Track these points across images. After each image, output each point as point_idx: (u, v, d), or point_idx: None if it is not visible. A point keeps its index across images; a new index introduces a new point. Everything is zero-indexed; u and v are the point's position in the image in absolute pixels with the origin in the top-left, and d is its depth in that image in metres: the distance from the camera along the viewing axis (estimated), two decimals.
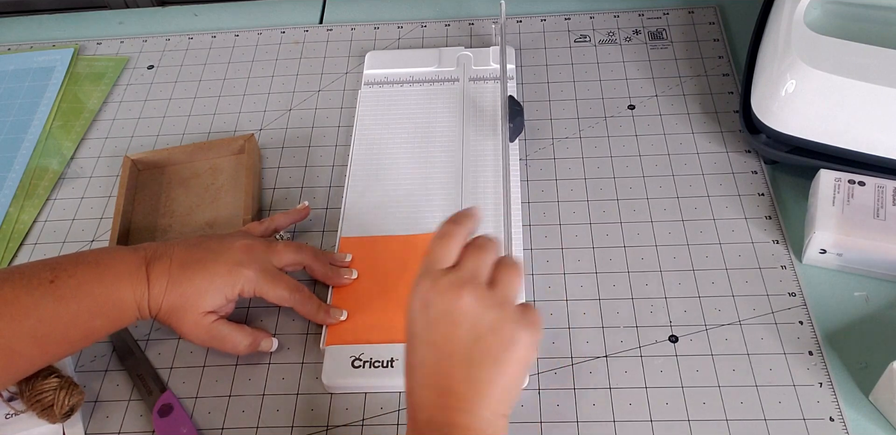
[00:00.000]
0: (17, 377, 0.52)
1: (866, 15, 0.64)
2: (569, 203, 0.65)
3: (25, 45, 0.86)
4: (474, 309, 0.43)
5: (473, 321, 0.43)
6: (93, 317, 0.51)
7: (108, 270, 0.52)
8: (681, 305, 0.58)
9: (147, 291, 0.52)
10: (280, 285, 0.56)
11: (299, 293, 0.57)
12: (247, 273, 0.54)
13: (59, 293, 0.50)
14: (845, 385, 0.53)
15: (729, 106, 0.71)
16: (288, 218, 0.63)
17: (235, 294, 0.54)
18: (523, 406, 0.54)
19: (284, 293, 0.56)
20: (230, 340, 0.55)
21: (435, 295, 0.44)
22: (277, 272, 0.56)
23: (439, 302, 0.43)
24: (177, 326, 0.54)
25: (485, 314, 0.43)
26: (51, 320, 0.49)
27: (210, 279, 0.53)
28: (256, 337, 0.57)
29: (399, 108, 0.72)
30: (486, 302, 0.43)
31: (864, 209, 0.56)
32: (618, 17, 0.80)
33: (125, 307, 0.52)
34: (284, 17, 0.86)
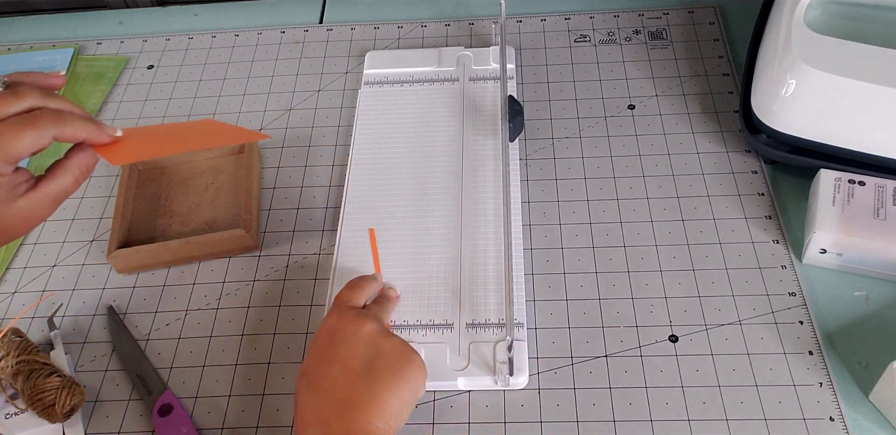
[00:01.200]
0: None
1: (866, 15, 0.64)
2: (569, 203, 0.65)
3: (25, 45, 0.86)
4: (375, 334, 0.51)
5: (374, 342, 0.51)
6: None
7: None
8: (681, 305, 0.58)
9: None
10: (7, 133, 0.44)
11: (43, 116, 0.45)
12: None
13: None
14: (845, 385, 0.53)
15: (729, 106, 0.71)
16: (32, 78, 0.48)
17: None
18: (523, 406, 0.54)
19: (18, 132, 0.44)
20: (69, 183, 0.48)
21: (342, 323, 0.52)
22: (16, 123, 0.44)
23: (345, 328, 0.52)
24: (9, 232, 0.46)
25: (384, 339, 0.51)
26: None
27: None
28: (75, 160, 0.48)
29: (399, 108, 0.72)
30: (386, 332, 0.52)
31: (864, 209, 0.56)
32: (618, 17, 0.80)
33: None
34: (284, 17, 0.86)
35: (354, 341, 0.51)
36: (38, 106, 0.46)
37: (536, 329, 0.58)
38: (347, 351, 0.50)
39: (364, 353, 0.50)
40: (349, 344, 0.51)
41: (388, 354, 0.50)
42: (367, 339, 0.51)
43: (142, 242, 0.65)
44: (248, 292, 0.62)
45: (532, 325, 0.58)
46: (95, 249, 0.67)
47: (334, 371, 0.49)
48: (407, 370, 0.50)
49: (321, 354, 0.51)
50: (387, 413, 0.48)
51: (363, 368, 0.49)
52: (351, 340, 0.51)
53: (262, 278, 0.63)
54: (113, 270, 0.65)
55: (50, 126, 0.45)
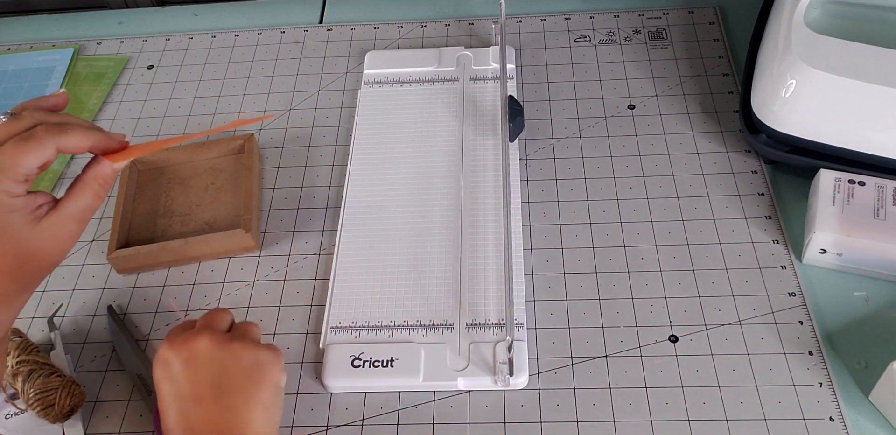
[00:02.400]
0: None
1: (866, 15, 0.64)
2: (569, 203, 0.65)
3: (25, 45, 0.86)
4: (212, 347, 0.46)
5: (213, 357, 0.45)
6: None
7: None
8: (681, 305, 0.58)
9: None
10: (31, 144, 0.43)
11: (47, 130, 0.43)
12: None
13: None
14: (845, 385, 0.53)
15: (729, 106, 0.71)
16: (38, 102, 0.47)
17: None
18: (523, 406, 0.54)
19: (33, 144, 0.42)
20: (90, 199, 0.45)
21: (172, 351, 0.46)
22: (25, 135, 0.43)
23: (178, 355, 0.46)
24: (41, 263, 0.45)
25: (224, 349, 0.46)
26: None
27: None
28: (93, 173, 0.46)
29: (399, 108, 0.72)
30: (224, 339, 0.46)
31: (864, 209, 0.56)
32: (618, 17, 0.80)
33: None
34: (284, 17, 0.86)
35: (192, 366, 0.45)
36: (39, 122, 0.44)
37: (536, 329, 0.58)
38: (188, 380, 0.45)
39: (206, 374, 0.45)
40: (188, 372, 0.45)
41: (233, 367, 0.46)
42: (204, 356, 0.46)
43: (142, 242, 0.65)
44: (248, 292, 0.62)
45: (532, 325, 0.58)
46: (95, 249, 0.67)
47: (186, 407, 0.45)
48: (258, 374, 0.46)
49: (163, 397, 0.46)
50: (258, 422, 0.45)
51: (213, 393, 0.45)
52: (188, 368, 0.45)
53: (262, 278, 0.63)
54: (113, 270, 0.65)
55: (51, 137, 0.43)
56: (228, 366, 0.46)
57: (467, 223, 0.63)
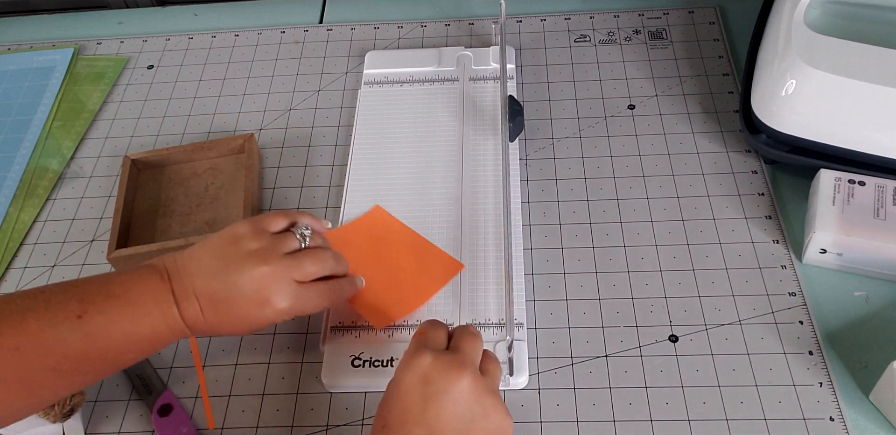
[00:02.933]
0: (40, 406, 0.50)
1: (866, 15, 0.64)
2: (569, 203, 0.65)
3: (25, 45, 0.86)
4: (472, 392, 0.45)
5: (469, 404, 0.44)
6: (124, 353, 0.49)
7: (138, 308, 0.48)
8: (681, 305, 0.58)
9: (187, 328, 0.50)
10: (314, 300, 0.53)
11: (332, 293, 0.54)
12: (278, 308, 0.51)
13: (87, 330, 0.47)
14: (845, 385, 0.53)
15: (729, 106, 0.71)
16: (311, 222, 0.56)
17: (278, 321, 0.52)
18: (523, 406, 0.54)
19: (322, 302, 0.53)
20: (312, 309, 0.53)
21: (437, 371, 0.45)
22: (305, 289, 0.52)
23: (440, 379, 0.45)
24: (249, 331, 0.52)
25: (480, 399, 0.45)
26: (78, 357, 0.47)
27: (245, 319, 0.51)
28: (335, 291, 0.54)
29: (399, 108, 0.72)
30: (482, 387, 0.45)
31: (864, 209, 0.56)
32: (618, 16, 0.80)
33: (161, 340, 0.50)
34: (284, 17, 0.86)
35: (447, 400, 0.44)
36: (329, 274, 0.54)
37: (536, 329, 0.58)
38: (438, 411, 0.44)
39: (458, 416, 0.44)
40: (441, 403, 0.44)
41: (480, 422, 0.44)
42: (462, 398, 0.44)
43: (142, 242, 0.65)
44: None
45: (532, 325, 0.58)
46: (95, 249, 0.67)
47: (420, 434, 0.44)
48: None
49: (405, 408, 0.44)
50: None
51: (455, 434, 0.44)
52: (443, 398, 0.44)
53: None
54: (113, 271, 0.65)
55: (335, 299, 0.54)
56: (478, 420, 0.45)
57: (467, 223, 0.63)
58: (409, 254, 0.61)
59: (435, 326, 0.49)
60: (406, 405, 0.44)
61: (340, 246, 0.58)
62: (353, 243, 0.61)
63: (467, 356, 0.46)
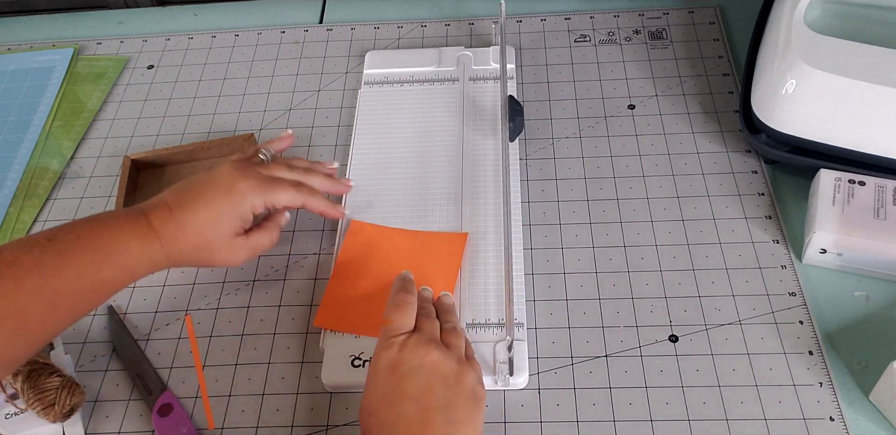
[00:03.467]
0: (34, 344, 0.49)
1: (866, 15, 0.64)
2: (569, 203, 0.65)
3: (25, 45, 0.86)
4: (442, 362, 0.49)
5: (442, 372, 0.48)
6: (101, 267, 0.50)
7: (106, 224, 0.51)
8: (681, 305, 0.58)
9: (158, 241, 0.52)
10: (283, 186, 0.57)
11: (302, 188, 0.58)
12: (246, 189, 0.54)
13: (59, 248, 0.49)
14: (845, 385, 0.53)
15: (729, 106, 0.71)
16: (273, 145, 0.62)
17: (248, 212, 0.55)
18: (523, 406, 0.54)
19: (291, 191, 0.57)
20: (265, 241, 0.57)
21: (404, 354, 0.49)
22: (273, 178, 0.57)
23: (410, 359, 0.49)
24: (214, 260, 0.55)
25: (451, 366, 0.49)
26: (55, 275, 0.48)
27: (213, 208, 0.53)
28: (277, 220, 0.59)
29: (399, 108, 0.72)
30: (449, 356, 0.50)
31: (864, 209, 0.56)
32: (618, 16, 0.80)
33: (133, 257, 0.51)
34: (284, 17, 0.86)
35: (422, 373, 0.48)
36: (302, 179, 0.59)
37: (536, 329, 0.58)
38: (417, 386, 0.47)
39: (436, 385, 0.48)
40: (417, 379, 0.48)
41: (457, 387, 0.48)
42: (435, 369, 0.48)
43: None
44: (248, 292, 0.62)
45: (532, 325, 0.58)
46: None
47: (408, 408, 0.47)
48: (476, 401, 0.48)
49: (387, 391, 0.48)
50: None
51: (439, 403, 0.47)
52: (418, 372, 0.48)
53: (262, 278, 0.63)
54: None
55: (307, 196, 0.58)
56: (454, 385, 0.48)
57: (467, 223, 0.63)
58: (410, 250, 0.61)
59: (400, 311, 0.52)
60: (386, 390, 0.48)
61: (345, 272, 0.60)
62: (355, 264, 0.61)
63: (427, 334, 0.51)
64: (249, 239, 0.56)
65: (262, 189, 0.55)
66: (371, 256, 0.61)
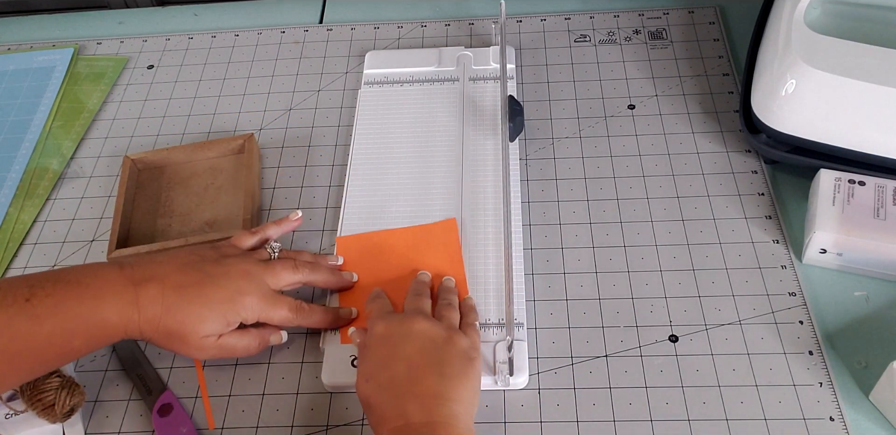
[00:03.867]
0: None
1: (866, 15, 0.64)
2: (569, 203, 0.65)
3: (25, 45, 0.86)
4: (429, 329, 0.52)
5: (431, 336, 0.51)
6: (71, 337, 0.49)
7: (89, 290, 0.50)
8: (681, 305, 0.58)
9: (138, 314, 0.50)
10: (282, 308, 0.55)
11: (301, 311, 0.56)
12: (248, 301, 0.53)
13: (35, 312, 0.48)
14: (845, 385, 0.53)
15: (729, 106, 0.71)
16: (280, 229, 0.61)
17: (237, 321, 0.53)
18: (523, 406, 0.54)
19: (288, 315, 0.55)
20: (239, 348, 0.54)
21: (391, 328, 0.52)
22: (276, 295, 0.55)
23: (397, 330, 0.52)
24: (179, 350, 0.53)
25: (438, 332, 0.52)
26: (24, 339, 0.47)
27: (209, 306, 0.52)
28: (263, 336, 0.56)
29: (399, 108, 0.72)
30: (436, 325, 0.52)
31: (864, 209, 0.56)
32: (618, 17, 0.80)
33: (109, 328, 0.50)
34: (284, 17, 0.86)
35: (409, 339, 0.51)
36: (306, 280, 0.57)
37: (536, 329, 0.58)
38: (407, 349, 0.50)
39: (424, 347, 0.50)
40: (405, 342, 0.51)
41: (447, 348, 0.51)
42: (422, 334, 0.51)
43: (142, 242, 0.65)
44: None
45: (532, 325, 0.58)
46: (95, 249, 0.67)
47: (400, 369, 0.49)
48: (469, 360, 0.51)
49: (379, 358, 0.50)
50: (464, 398, 0.49)
51: (428, 360, 0.49)
52: (405, 339, 0.51)
53: None
54: None
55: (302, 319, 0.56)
56: (443, 346, 0.51)
57: (467, 223, 0.63)
58: (405, 247, 0.61)
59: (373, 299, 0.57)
60: (379, 357, 0.50)
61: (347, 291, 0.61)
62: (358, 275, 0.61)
63: (413, 309, 0.54)
64: (220, 340, 0.53)
65: (262, 307, 0.54)
66: (368, 264, 0.61)
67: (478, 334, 0.55)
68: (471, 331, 0.54)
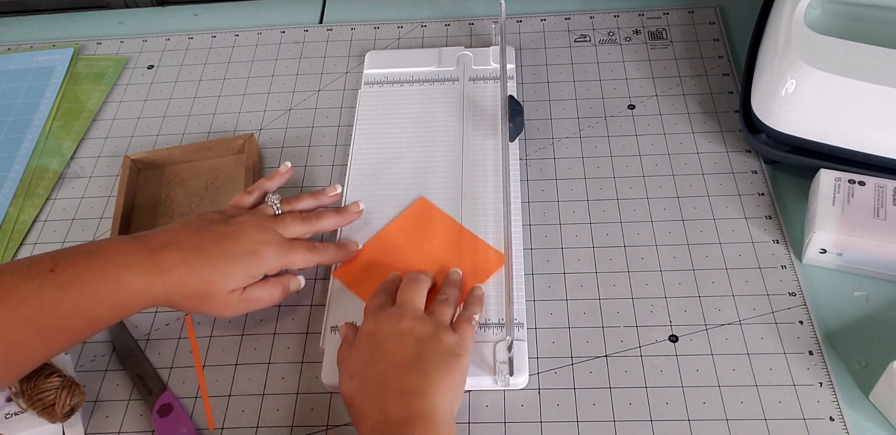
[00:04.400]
0: (20, 370, 0.51)
1: (866, 15, 0.64)
2: (569, 203, 0.65)
3: (25, 45, 0.86)
4: (415, 326, 0.52)
5: (416, 334, 0.51)
6: (96, 305, 0.50)
7: (110, 259, 0.51)
8: (681, 305, 0.58)
9: (161, 279, 0.51)
10: (300, 250, 0.57)
11: (316, 249, 0.58)
12: (268, 251, 0.55)
13: (59, 281, 0.49)
14: (845, 385, 0.53)
15: (729, 106, 0.71)
16: (273, 183, 0.63)
17: (261, 273, 0.55)
18: (523, 406, 0.54)
19: (307, 255, 0.58)
20: (264, 299, 0.56)
21: (380, 325, 0.52)
22: (292, 241, 0.58)
23: (384, 328, 0.52)
24: (206, 308, 0.54)
25: (424, 329, 0.52)
26: (51, 309, 0.49)
27: (233, 260, 0.54)
28: (284, 283, 0.58)
29: (399, 108, 0.72)
30: (424, 321, 0.53)
31: (864, 209, 0.56)
32: (618, 16, 0.80)
33: (132, 295, 0.51)
34: (284, 17, 0.86)
35: (395, 336, 0.51)
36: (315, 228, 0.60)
37: (536, 329, 0.58)
38: (392, 347, 0.51)
39: (409, 344, 0.51)
40: (391, 341, 0.51)
41: (431, 343, 0.51)
42: (408, 332, 0.51)
43: None
44: None
45: (532, 325, 0.58)
46: None
47: (384, 366, 0.50)
48: (453, 356, 0.51)
49: (364, 355, 0.51)
50: (444, 392, 0.49)
51: (411, 358, 0.50)
52: (390, 336, 0.51)
53: None
54: None
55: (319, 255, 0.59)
56: (427, 342, 0.51)
57: (467, 223, 0.63)
58: (451, 245, 0.61)
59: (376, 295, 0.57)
60: (364, 354, 0.51)
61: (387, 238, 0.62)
62: (395, 239, 0.62)
63: (402, 305, 0.54)
64: (245, 292, 0.55)
65: (281, 254, 0.56)
66: (417, 235, 0.62)
67: (472, 330, 0.54)
68: (464, 326, 0.54)
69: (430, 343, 0.51)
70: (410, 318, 0.52)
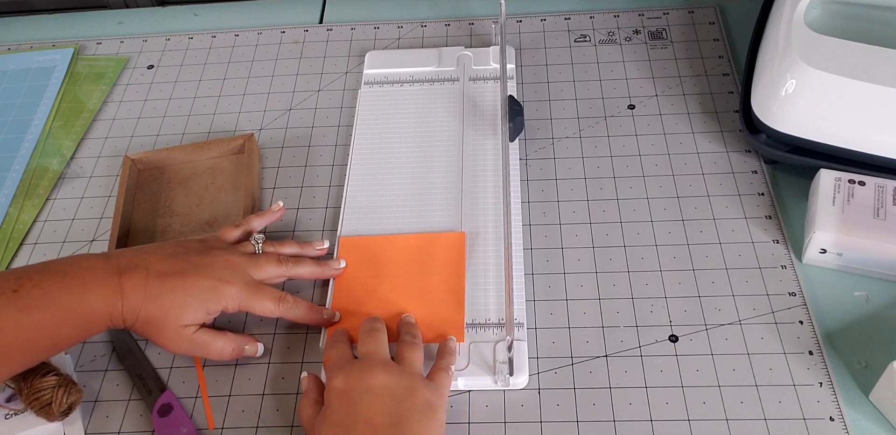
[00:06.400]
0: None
1: (866, 15, 0.64)
2: (569, 203, 0.65)
3: (25, 45, 0.86)
4: (389, 380, 0.49)
5: (391, 390, 0.49)
6: (58, 327, 0.49)
7: (76, 279, 0.50)
8: (681, 305, 0.58)
9: (121, 301, 0.51)
10: (264, 298, 0.55)
11: (284, 302, 0.56)
12: (230, 290, 0.53)
13: (22, 303, 0.48)
14: (845, 385, 0.53)
15: (729, 106, 0.71)
16: (263, 220, 0.62)
17: (218, 310, 0.54)
18: (523, 406, 0.54)
19: (269, 305, 0.55)
20: (213, 348, 0.54)
21: (350, 382, 0.49)
22: (260, 285, 0.55)
23: (356, 386, 0.49)
24: (155, 338, 0.53)
25: (400, 383, 0.49)
26: (13, 330, 0.48)
27: (191, 293, 0.52)
28: (239, 343, 0.56)
29: (399, 108, 0.72)
30: (398, 373, 0.50)
31: (864, 209, 0.56)
32: (618, 16, 0.80)
33: (95, 317, 0.50)
34: (284, 17, 0.86)
35: (370, 395, 0.48)
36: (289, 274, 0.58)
37: (536, 329, 0.58)
38: (367, 408, 0.48)
39: (385, 404, 0.48)
40: (366, 401, 0.48)
41: (407, 401, 0.49)
42: (382, 389, 0.49)
43: (142, 242, 0.65)
44: None
45: (532, 325, 0.58)
46: (95, 249, 0.67)
47: (361, 430, 0.47)
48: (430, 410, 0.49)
49: (340, 419, 0.48)
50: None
51: (389, 421, 0.47)
52: (365, 395, 0.48)
53: None
54: None
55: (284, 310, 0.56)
56: (404, 400, 0.48)
57: (467, 223, 0.63)
58: (409, 255, 0.61)
59: (334, 344, 0.54)
60: (339, 417, 0.48)
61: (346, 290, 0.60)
62: (353, 281, 0.60)
63: (372, 356, 0.51)
64: (196, 333, 0.53)
65: (242, 296, 0.54)
66: (369, 267, 0.61)
67: (449, 378, 0.52)
68: (441, 375, 0.52)
69: (407, 400, 0.48)
70: (381, 371, 0.50)
